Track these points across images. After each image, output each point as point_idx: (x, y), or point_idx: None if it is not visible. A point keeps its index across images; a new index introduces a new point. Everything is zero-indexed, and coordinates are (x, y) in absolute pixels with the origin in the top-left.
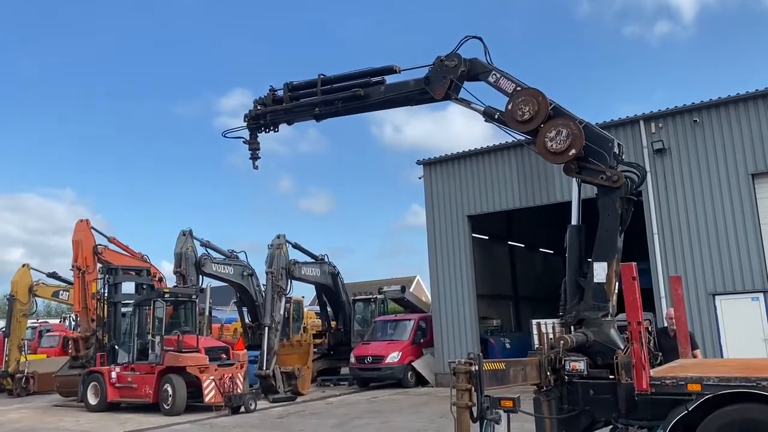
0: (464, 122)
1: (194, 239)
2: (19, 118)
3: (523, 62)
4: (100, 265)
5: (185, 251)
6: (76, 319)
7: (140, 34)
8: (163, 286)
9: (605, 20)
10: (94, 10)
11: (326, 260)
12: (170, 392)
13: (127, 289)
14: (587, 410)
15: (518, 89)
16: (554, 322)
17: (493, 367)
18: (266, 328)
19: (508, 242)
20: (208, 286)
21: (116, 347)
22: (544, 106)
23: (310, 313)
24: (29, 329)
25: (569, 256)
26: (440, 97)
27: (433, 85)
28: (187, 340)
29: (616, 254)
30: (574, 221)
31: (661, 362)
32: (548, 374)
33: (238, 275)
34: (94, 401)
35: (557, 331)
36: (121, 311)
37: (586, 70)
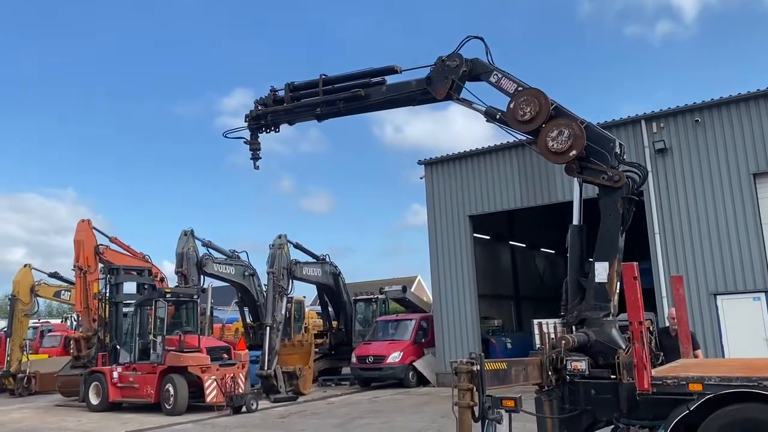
0: (465, 122)
1: (196, 239)
2: (20, 117)
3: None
4: (101, 265)
5: (187, 251)
6: (77, 319)
7: (141, 34)
8: (164, 286)
9: (606, 20)
10: (94, 10)
11: (327, 260)
12: (172, 392)
13: (128, 289)
14: (589, 410)
15: (520, 89)
16: (556, 321)
17: (494, 366)
18: (268, 328)
19: (509, 242)
20: (209, 286)
21: (118, 347)
22: (545, 106)
23: (311, 313)
24: (31, 329)
25: (571, 256)
26: (442, 97)
27: (434, 85)
28: (188, 340)
29: (617, 254)
30: (575, 221)
31: (662, 362)
32: (550, 374)
33: (239, 275)
34: (95, 401)
35: (559, 330)
36: (122, 311)
37: (587, 69)
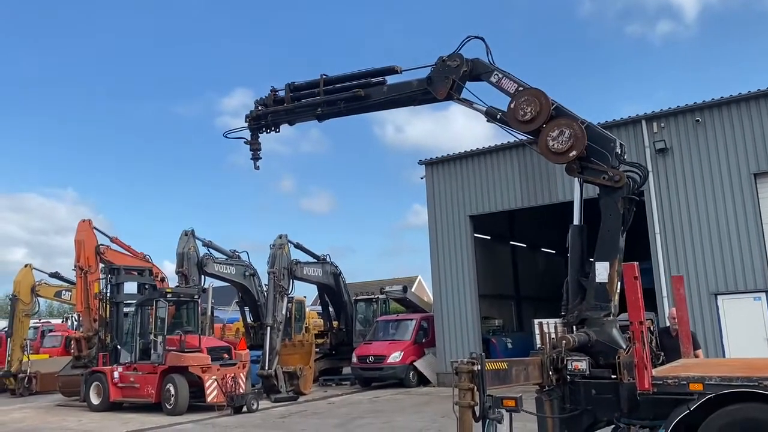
0: (466, 122)
1: (196, 239)
2: (20, 117)
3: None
4: (102, 265)
5: (187, 251)
6: (78, 319)
7: (141, 34)
8: (165, 286)
9: (607, 19)
10: (94, 10)
11: (328, 260)
12: (172, 392)
13: (129, 289)
14: (589, 410)
15: (520, 89)
16: (556, 321)
17: (495, 366)
18: (268, 328)
19: (510, 242)
20: (210, 286)
21: (119, 347)
22: (546, 106)
23: (312, 313)
24: (31, 329)
25: (571, 255)
26: (442, 97)
27: (435, 85)
28: (189, 340)
29: (618, 254)
30: (576, 221)
31: (663, 362)
32: (550, 374)
33: (240, 275)
34: (96, 401)
35: (559, 330)
36: (123, 311)
37: (587, 69)
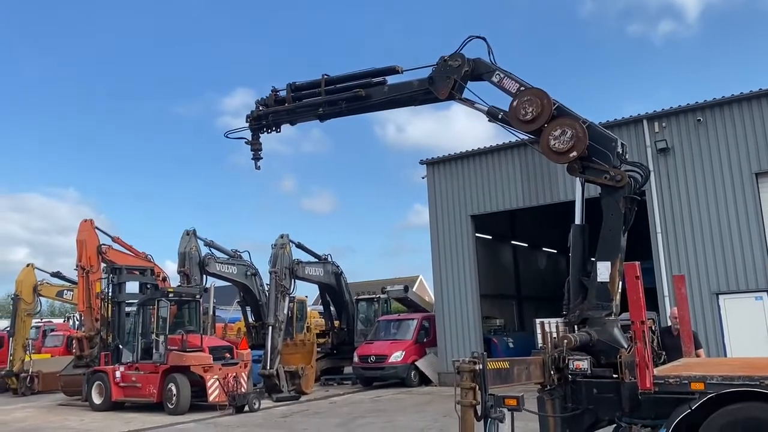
0: (467, 122)
1: (198, 239)
2: (21, 117)
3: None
4: (104, 264)
5: (189, 251)
6: (80, 318)
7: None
8: (167, 285)
9: (608, 19)
10: (94, 10)
11: (329, 260)
12: (174, 391)
13: (131, 288)
14: (591, 409)
15: (522, 89)
16: (558, 321)
17: (497, 365)
18: (270, 327)
19: (511, 242)
20: (211, 285)
21: (120, 347)
22: (547, 106)
23: (313, 312)
24: (33, 329)
25: (573, 255)
26: (444, 97)
27: (436, 85)
28: (191, 339)
29: (619, 253)
30: (577, 221)
31: (664, 361)
32: (552, 373)
33: (241, 275)
34: (98, 400)
35: (561, 330)
36: (125, 311)
37: (589, 69)
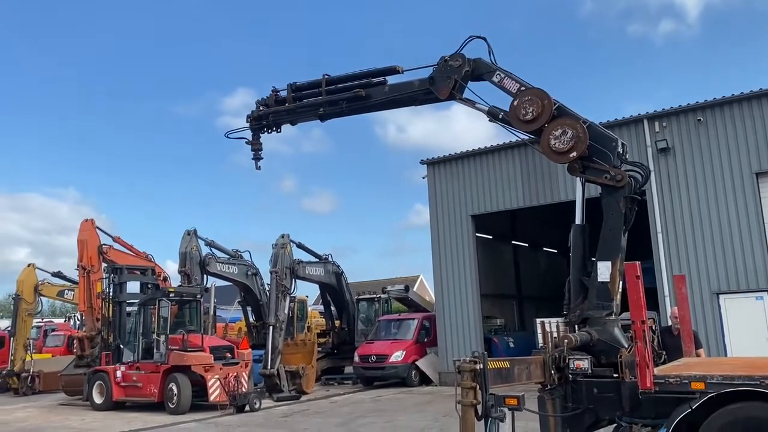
0: (468, 122)
1: (199, 239)
2: (21, 117)
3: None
4: (105, 264)
5: (190, 251)
6: (81, 318)
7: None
8: (167, 285)
9: (609, 19)
10: (94, 10)
11: (330, 260)
12: (175, 391)
13: (132, 288)
14: (591, 408)
15: (522, 89)
16: (558, 321)
17: (497, 365)
18: (270, 327)
19: (511, 241)
20: (212, 285)
21: (121, 346)
22: (548, 105)
23: (314, 312)
24: (34, 328)
25: (573, 255)
26: (445, 97)
27: (437, 85)
28: (192, 339)
29: (620, 253)
30: (578, 220)
31: (665, 361)
32: (552, 373)
33: (242, 275)
34: (99, 400)
35: (561, 330)
36: (126, 310)
37: (589, 69)
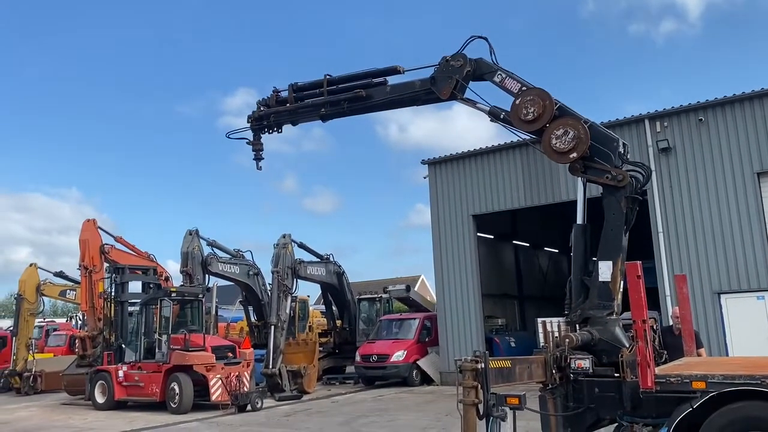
0: (469, 122)
1: (200, 239)
2: (23, 117)
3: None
4: (107, 264)
5: (192, 250)
6: (83, 318)
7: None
8: (169, 285)
9: (610, 19)
10: (96, 9)
11: (331, 259)
12: (177, 391)
13: (133, 288)
14: (592, 408)
15: (524, 89)
16: (559, 320)
17: (499, 364)
18: (272, 327)
19: (513, 241)
20: (214, 285)
21: (123, 346)
22: (549, 106)
23: (315, 312)
24: (36, 328)
25: (574, 255)
26: (446, 97)
27: (438, 85)
28: (193, 338)
29: (621, 253)
30: (579, 220)
31: (666, 360)
32: (554, 372)
33: (244, 274)
34: (101, 400)
35: (562, 329)
36: (128, 310)
37: (590, 69)
